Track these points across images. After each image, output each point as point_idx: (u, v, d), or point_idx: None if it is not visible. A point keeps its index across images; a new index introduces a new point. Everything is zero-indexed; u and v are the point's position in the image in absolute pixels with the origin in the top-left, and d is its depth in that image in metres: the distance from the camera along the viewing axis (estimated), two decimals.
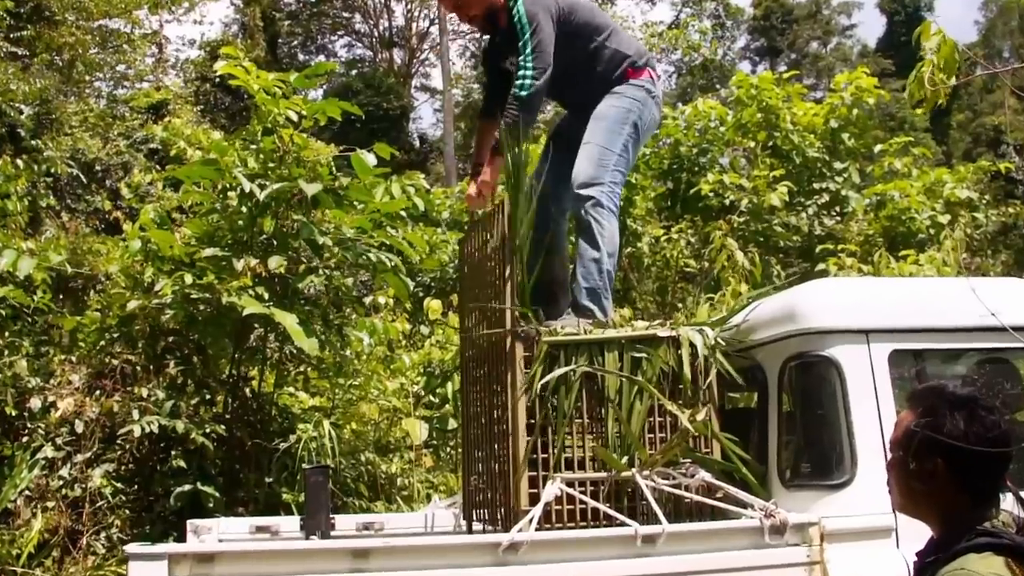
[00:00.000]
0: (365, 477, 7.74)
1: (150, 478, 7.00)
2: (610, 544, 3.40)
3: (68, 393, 7.40)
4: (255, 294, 6.50)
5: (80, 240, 9.79)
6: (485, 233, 4.48)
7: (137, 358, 7.50)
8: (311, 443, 7.03)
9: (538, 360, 3.98)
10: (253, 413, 7.43)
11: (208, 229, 7.24)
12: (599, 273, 4.51)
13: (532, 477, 3.94)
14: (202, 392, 7.32)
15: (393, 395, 8.49)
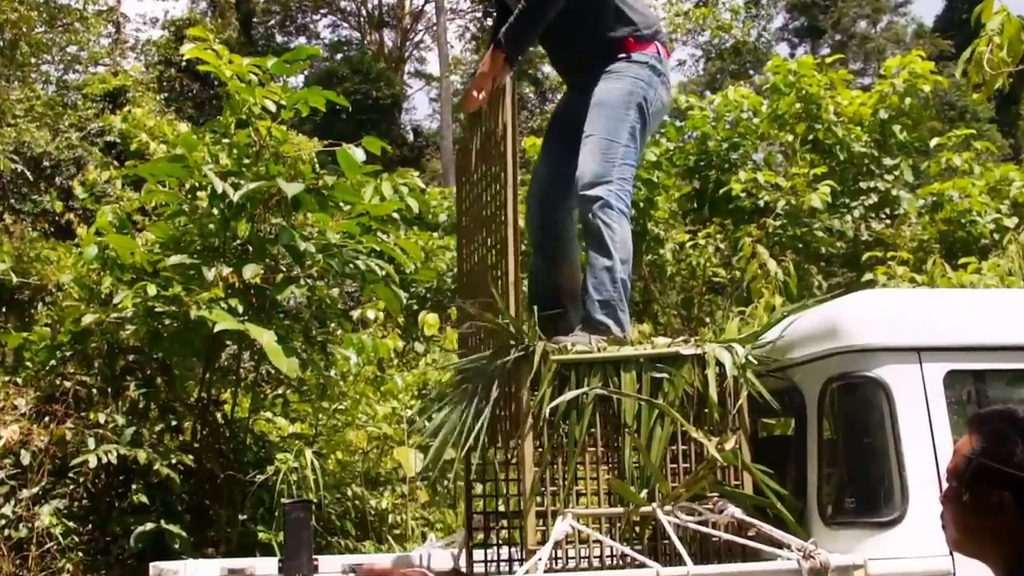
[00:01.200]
0: (352, 513, 7.79)
1: (107, 516, 7.04)
2: None
3: (12, 419, 7.44)
4: (227, 307, 6.56)
5: (27, 245, 9.86)
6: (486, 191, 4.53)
7: (93, 379, 7.54)
8: (291, 475, 7.08)
9: (546, 381, 4.03)
10: (225, 441, 7.49)
11: (174, 234, 7.31)
12: (612, 283, 4.55)
13: (540, 512, 3.99)
14: (167, 418, 7.37)
15: (384, 421, 8.55)
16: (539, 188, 5.02)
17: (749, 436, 4.24)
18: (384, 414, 8.69)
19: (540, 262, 5.02)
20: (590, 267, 4.61)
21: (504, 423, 4.55)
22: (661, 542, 4.06)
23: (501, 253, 4.34)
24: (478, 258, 4.83)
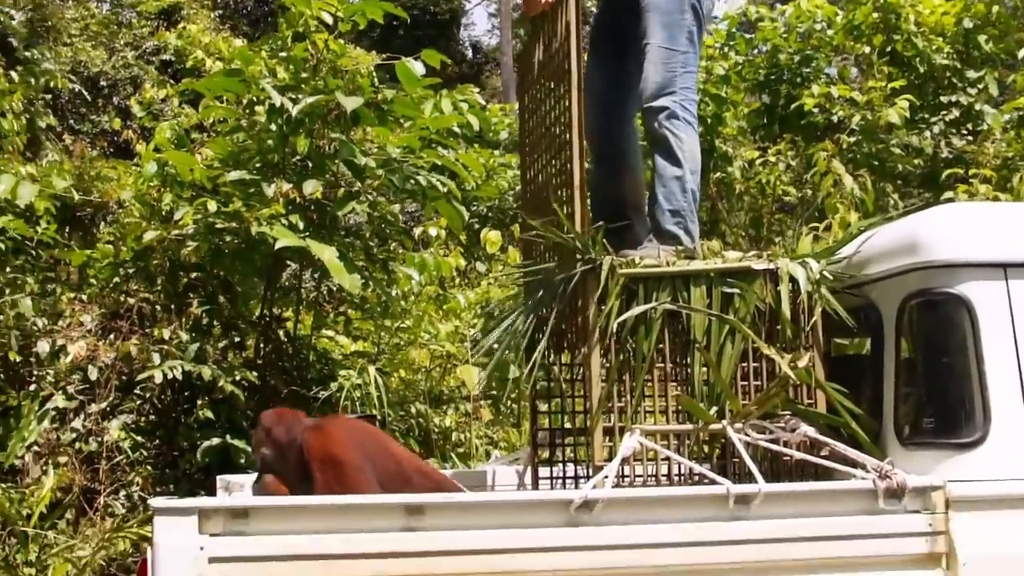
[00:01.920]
0: (416, 431, 7.88)
1: (174, 431, 7.19)
2: (698, 504, 3.43)
3: (79, 336, 7.58)
4: (288, 224, 6.58)
5: (87, 165, 9.95)
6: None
7: (156, 296, 7.65)
8: (354, 392, 7.15)
9: (613, 296, 4.00)
10: (288, 358, 7.58)
11: (233, 150, 7.33)
12: (683, 193, 4.50)
13: (608, 429, 3.99)
14: (230, 335, 7.46)
15: (446, 339, 8.58)
16: (596, 99, 4.94)
17: (823, 354, 4.18)
18: (447, 332, 8.73)
19: (603, 174, 4.95)
20: (659, 177, 4.54)
21: (570, 339, 4.55)
22: (731, 460, 4.04)
23: (565, 166, 4.30)
24: (542, 172, 4.78)
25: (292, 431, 4.10)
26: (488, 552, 3.21)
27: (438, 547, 3.18)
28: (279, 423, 4.15)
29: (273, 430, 4.11)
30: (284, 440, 4.07)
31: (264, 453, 4.10)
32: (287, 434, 4.09)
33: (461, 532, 3.21)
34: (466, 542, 3.20)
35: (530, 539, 3.24)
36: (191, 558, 3.04)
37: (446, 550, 3.19)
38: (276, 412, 4.34)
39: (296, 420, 4.21)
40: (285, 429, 4.11)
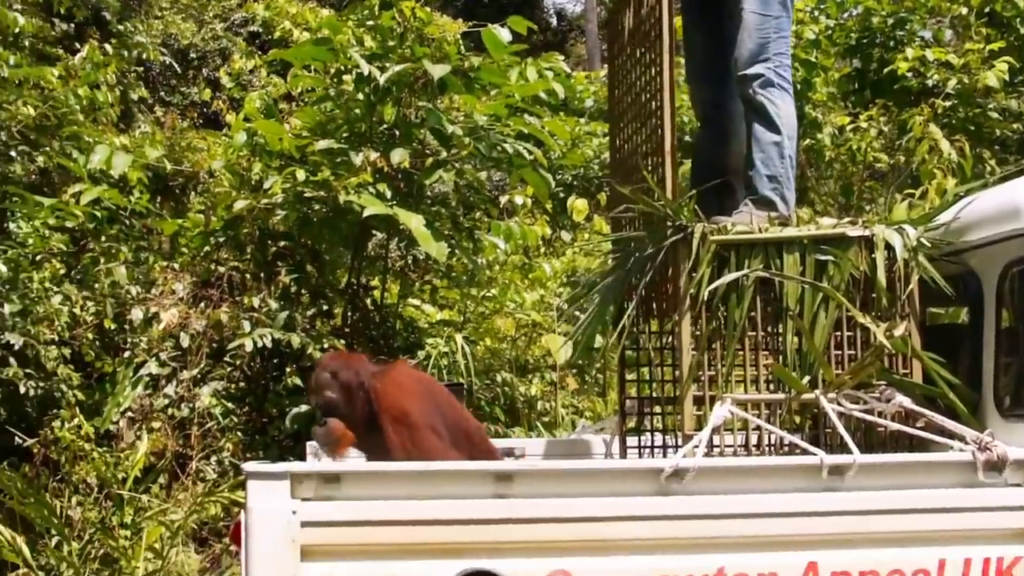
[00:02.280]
0: (501, 399, 7.90)
1: (263, 398, 7.30)
2: (790, 474, 3.39)
3: (171, 304, 7.73)
4: (375, 192, 6.62)
5: (177, 136, 10.11)
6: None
7: (245, 265, 7.76)
8: (441, 360, 7.19)
9: (705, 263, 3.95)
10: (375, 327, 7.64)
11: (321, 119, 7.39)
12: (780, 159, 4.43)
13: (698, 397, 3.95)
14: (318, 303, 7.54)
15: (532, 308, 8.58)
16: (696, 62, 4.87)
17: (919, 323, 4.09)
18: (532, 301, 8.73)
19: (708, 138, 4.90)
20: (756, 142, 4.47)
21: (659, 307, 4.51)
22: (823, 431, 3.98)
23: (656, 133, 4.24)
24: (631, 140, 4.73)
25: (360, 375, 4.08)
26: (577, 520, 3.20)
27: (527, 515, 3.18)
28: (346, 367, 4.13)
29: (340, 374, 4.08)
30: (352, 384, 4.05)
31: (329, 396, 4.05)
32: (355, 378, 4.06)
33: (550, 500, 3.20)
34: (555, 510, 3.19)
35: (620, 507, 3.22)
36: (284, 522, 3.08)
37: (535, 518, 3.18)
38: (341, 355, 4.38)
39: (362, 365, 4.18)
40: (353, 373, 4.08)
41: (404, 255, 7.77)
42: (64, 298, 7.38)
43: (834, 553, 3.32)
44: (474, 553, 3.15)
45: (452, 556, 3.14)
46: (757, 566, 3.26)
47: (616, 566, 3.20)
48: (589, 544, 3.20)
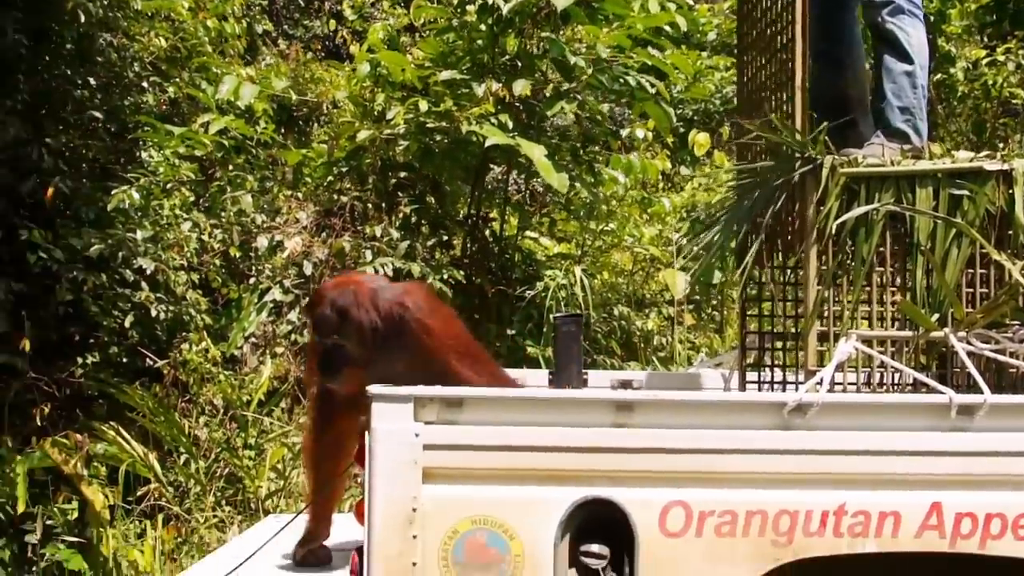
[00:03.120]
0: (618, 333, 7.89)
1: None
2: (917, 412, 3.30)
3: (295, 232, 7.87)
4: (497, 123, 6.62)
5: (301, 68, 10.21)
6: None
7: (367, 195, 7.85)
8: (559, 292, 7.19)
9: (833, 196, 3.85)
10: (494, 258, 7.67)
11: (444, 50, 7.39)
12: (912, 89, 4.29)
13: (822, 334, 3.88)
14: (438, 233, 7.60)
15: (650, 243, 8.52)
16: None
17: None
18: (651, 236, 8.67)
19: (824, 70, 4.74)
20: (887, 72, 4.33)
21: (783, 242, 4.42)
22: (951, 370, 3.87)
23: (785, 65, 4.13)
24: (760, 73, 4.62)
25: (379, 306, 3.79)
26: (697, 452, 3.18)
27: (646, 445, 3.17)
28: (360, 300, 3.76)
29: (352, 311, 3.74)
30: (371, 317, 3.75)
31: (339, 341, 3.76)
32: (373, 311, 3.77)
33: (670, 431, 3.18)
34: (674, 441, 3.17)
35: (740, 440, 3.19)
36: (407, 444, 3.12)
37: (654, 448, 3.17)
38: (348, 286, 3.87)
39: (375, 291, 3.84)
40: (370, 305, 3.77)
41: (524, 187, 7.76)
42: (193, 225, 7.57)
43: (960, 494, 3.23)
44: (592, 481, 3.15)
45: (570, 483, 3.15)
46: (879, 504, 3.20)
47: (734, 498, 3.17)
48: (708, 476, 3.18)
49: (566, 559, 3.17)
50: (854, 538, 3.19)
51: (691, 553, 3.15)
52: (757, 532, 3.17)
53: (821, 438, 3.21)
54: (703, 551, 3.16)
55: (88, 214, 7.14)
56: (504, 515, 3.14)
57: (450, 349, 3.86)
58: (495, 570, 3.14)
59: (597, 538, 3.18)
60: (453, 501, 3.13)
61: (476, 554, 3.14)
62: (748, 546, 3.16)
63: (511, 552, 3.14)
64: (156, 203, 7.37)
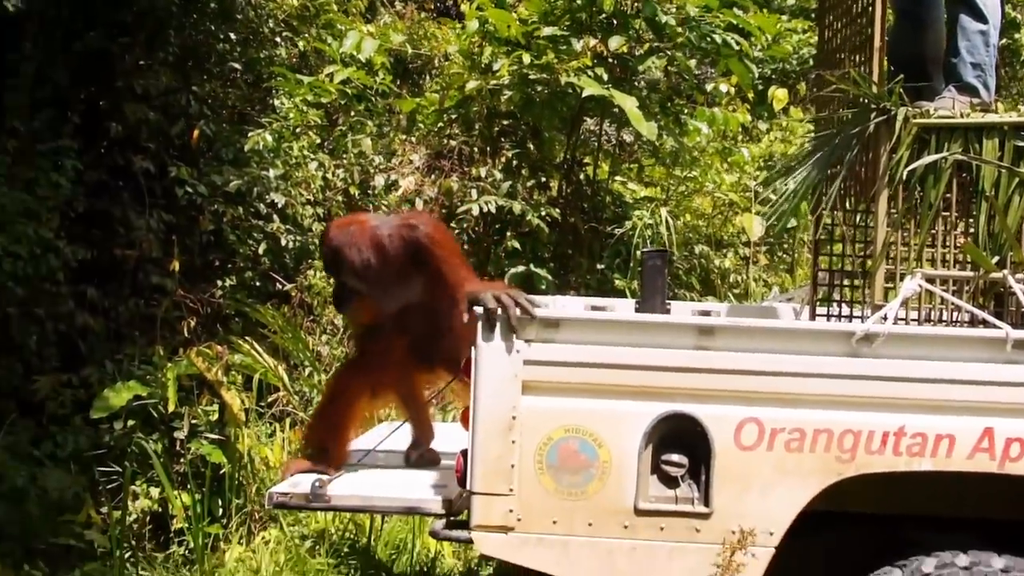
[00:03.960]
0: (698, 270, 7.85)
1: (486, 258, 7.45)
2: (976, 345, 3.25)
3: (409, 172, 7.95)
4: (594, 75, 6.58)
5: (416, 25, 10.22)
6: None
7: (474, 140, 7.88)
8: (646, 231, 7.17)
9: (905, 145, 3.77)
10: (587, 199, 7.66)
11: (546, 8, 7.33)
12: (985, 47, 4.15)
13: (889, 273, 3.82)
14: (537, 175, 7.60)
15: (729, 189, 8.43)
16: None
17: None
18: (730, 183, 8.57)
19: (905, 27, 4.61)
20: (962, 30, 4.20)
21: (856, 190, 4.35)
22: (1008, 308, 3.80)
23: (865, 29, 4.03)
24: (840, 32, 4.51)
25: (380, 241, 3.71)
26: (771, 374, 3.17)
27: (725, 366, 3.17)
28: (354, 239, 3.69)
29: (345, 250, 3.68)
30: (363, 255, 3.70)
31: (341, 278, 3.74)
32: (368, 248, 3.71)
33: (747, 354, 3.18)
34: (751, 364, 3.17)
35: (811, 365, 3.18)
36: (509, 359, 3.17)
37: (732, 369, 3.18)
38: (348, 226, 3.78)
39: (374, 228, 3.75)
40: (366, 242, 3.70)
41: (616, 135, 7.71)
42: (318, 165, 7.67)
43: (1011, 421, 3.19)
44: (675, 398, 3.17)
45: (655, 399, 3.17)
46: (935, 427, 3.18)
47: (804, 418, 3.17)
48: (780, 397, 3.18)
49: (648, 466, 3.21)
50: (911, 457, 3.18)
51: (762, 465, 3.17)
52: (823, 448, 3.17)
53: (885, 366, 3.19)
54: (773, 464, 3.17)
55: (228, 154, 7.27)
56: (594, 425, 3.18)
57: (460, 260, 3.83)
58: (584, 474, 3.19)
59: (677, 449, 3.22)
60: (548, 411, 3.19)
61: (568, 459, 3.19)
62: (814, 461, 3.17)
63: (599, 458, 3.19)
64: (286, 145, 7.47)
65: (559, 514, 3.18)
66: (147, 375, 5.86)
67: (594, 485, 3.18)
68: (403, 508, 3.63)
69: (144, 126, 6.64)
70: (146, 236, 6.55)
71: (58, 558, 4.86)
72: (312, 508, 3.71)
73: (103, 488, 5.45)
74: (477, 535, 3.21)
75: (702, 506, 3.18)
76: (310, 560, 5.24)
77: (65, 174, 5.91)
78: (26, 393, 5.64)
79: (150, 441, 5.56)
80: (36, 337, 5.70)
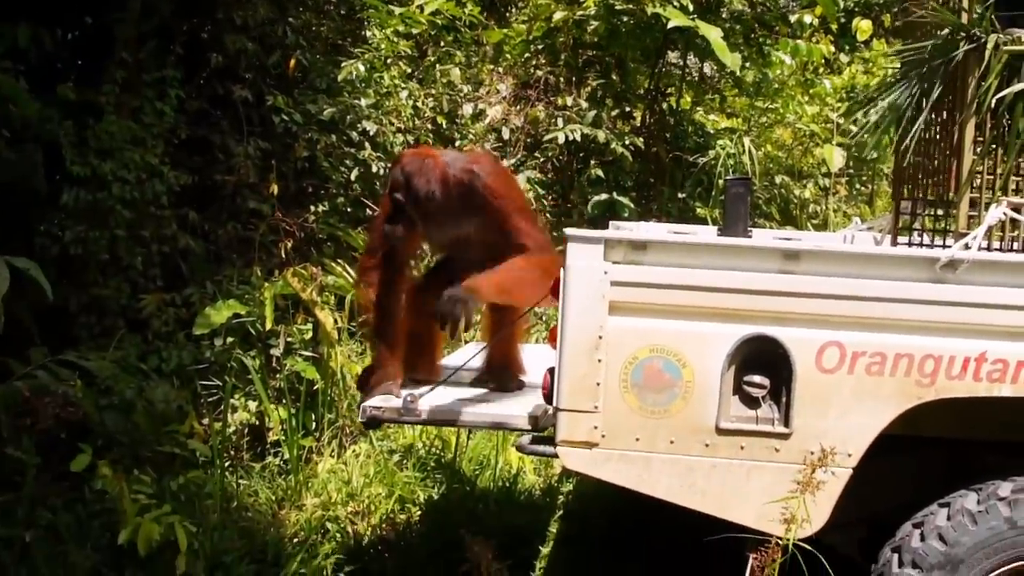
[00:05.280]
0: (778, 200, 7.72)
1: (569, 186, 7.43)
2: None
3: (496, 102, 7.91)
4: (679, 6, 6.44)
5: None
6: None
7: (559, 70, 7.79)
8: (728, 160, 7.06)
9: (994, 73, 3.64)
10: (670, 128, 7.56)
11: None
12: None
13: (973, 200, 3.72)
14: (621, 105, 7.52)
15: (811, 121, 8.24)
16: None
17: None
18: (811, 114, 8.37)
19: None
20: None
21: (941, 114, 4.21)
22: None
23: None
24: None
25: (448, 177, 3.75)
26: (854, 299, 3.13)
27: (809, 290, 3.13)
28: (425, 170, 3.72)
29: (415, 178, 3.70)
30: (430, 187, 3.72)
31: (400, 200, 3.72)
32: (437, 182, 3.73)
33: (831, 279, 3.13)
34: (836, 288, 3.13)
35: (894, 290, 3.12)
36: (596, 280, 3.17)
37: (815, 293, 3.14)
38: (423, 157, 3.81)
39: (445, 164, 3.78)
40: (436, 176, 3.73)
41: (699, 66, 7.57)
42: (408, 94, 7.67)
43: None
44: (758, 320, 3.15)
45: (739, 321, 3.15)
46: (1017, 353, 3.12)
47: (885, 342, 3.12)
48: (862, 321, 3.13)
49: (731, 387, 3.20)
50: (991, 383, 3.13)
51: (843, 388, 3.14)
52: (903, 373, 3.13)
53: (968, 292, 3.12)
54: (853, 387, 3.14)
55: (322, 83, 7.28)
56: (679, 346, 3.18)
57: (513, 207, 3.82)
58: (668, 393, 3.20)
59: (759, 370, 3.20)
60: (634, 331, 3.18)
61: (652, 378, 3.19)
62: (894, 385, 3.13)
63: (683, 378, 3.19)
64: (378, 75, 7.47)
65: (642, 431, 3.19)
66: (245, 295, 5.97)
67: (677, 404, 3.18)
68: (490, 423, 3.68)
69: (243, 56, 6.67)
70: (244, 163, 6.61)
71: (163, 465, 4.99)
72: (404, 422, 3.76)
73: (204, 401, 5.58)
74: (562, 450, 3.25)
75: (782, 427, 3.17)
76: (398, 473, 5.35)
77: (169, 103, 5.98)
78: (133, 311, 5.77)
79: (248, 357, 5.69)
80: (142, 258, 5.82)
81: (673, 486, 3.21)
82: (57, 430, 4.69)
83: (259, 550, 4.47)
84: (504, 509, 4.96)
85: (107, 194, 5.47)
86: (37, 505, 4.42)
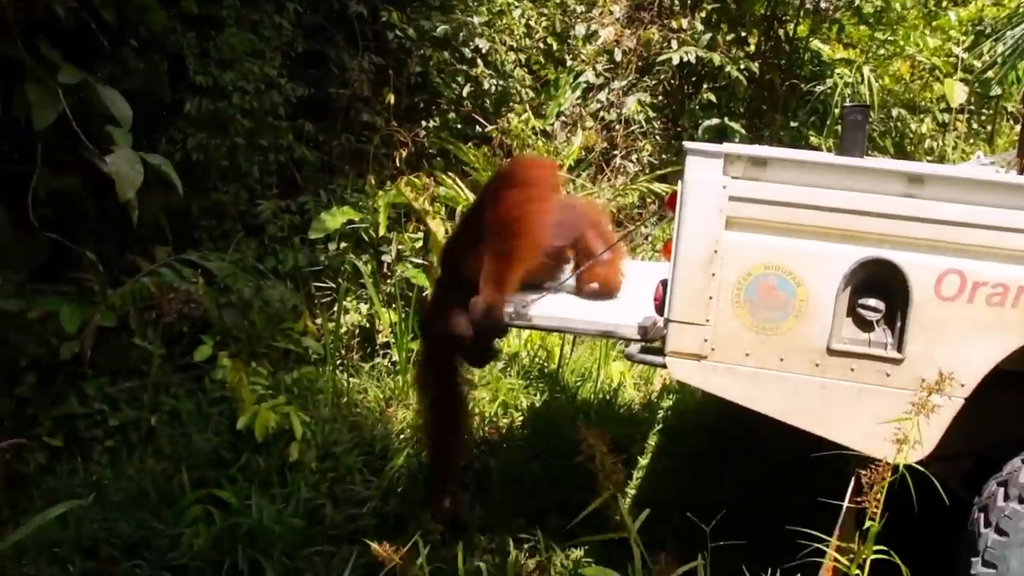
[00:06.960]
0: (893, 133, 7.49)
1: (680, 110, 7.31)
2: None
3: (609, 23, 7.78)
4: None
5: None
6: None
7: None
8: (845, 90, 6.86)
9: None
10: (785, 56, 7.36)
11: None
12: None
13: None
14: (736, 30, 7.33)
15: (932, 54, 7.92)
16: None
17: None
18: (933, 47, 8.04)
19: None
20: None
21: None
22: None
23: None
24: None
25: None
26: (977, 227, 3.02)
27: (931, 216, 3.05)
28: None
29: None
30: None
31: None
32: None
33: (956, 205, 3.04)
34: (960, 215, 3.03)
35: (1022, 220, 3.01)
36: (715, 194, 3.13)
37: (938, 219, 3.05)
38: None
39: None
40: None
41: None
42: (521, 12, 7.60)
43: None
44: (877, 243, 3.07)
45: (858, 243, 3.08)
46: None
47: (1008, 274, 3.02)
48: (986, 250, 3.03)
49: (845, 308, 3.15)
50: None
51: (960, 317, 3.06)
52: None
53: None
54: (972, 317, 3.06)
55: (435, 0, 7.28)
56: (794, 264, 3.13)
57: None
58: (780, 311, 3.16)
59: (874, 294, 3.14)
60: (750, 247, 3.14)
61: (766, 295, 3.16)
62: (1015, 318, 3.05)
63: (796, 297, 3.15)
64: None
65: (752, 347, 3.17)
66: (359, 202, 6.06)
67: (789, 322, 3.15)
68: (599, 331, 3.67)
69: None
70: (358, 76, 6.65)
71: (278, 361, 5.16)
72: (515, 326, 3.79)
73: (318, 302, 5.73)
74: (671, 360, 3.25)
75: (895, 352, 3.11)
76: (503, 379, 5.43)
77: (287, 17, 6.03)
78: (250, 216, 5.91)
79: (361, 262, 5.80)
80: (259, 166, 5.93)
81: (779, 403, 3.20)
82: (180, 324, 4.88)
83: (367, 444, 4.61)
84: (604, 420, 5.00)
85: (227, 103, 5.57)
86: (161, 392, 4.64)
